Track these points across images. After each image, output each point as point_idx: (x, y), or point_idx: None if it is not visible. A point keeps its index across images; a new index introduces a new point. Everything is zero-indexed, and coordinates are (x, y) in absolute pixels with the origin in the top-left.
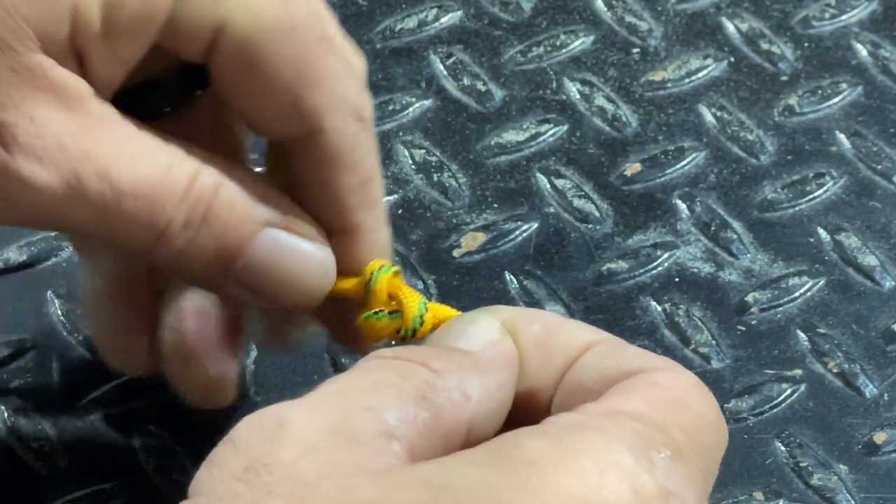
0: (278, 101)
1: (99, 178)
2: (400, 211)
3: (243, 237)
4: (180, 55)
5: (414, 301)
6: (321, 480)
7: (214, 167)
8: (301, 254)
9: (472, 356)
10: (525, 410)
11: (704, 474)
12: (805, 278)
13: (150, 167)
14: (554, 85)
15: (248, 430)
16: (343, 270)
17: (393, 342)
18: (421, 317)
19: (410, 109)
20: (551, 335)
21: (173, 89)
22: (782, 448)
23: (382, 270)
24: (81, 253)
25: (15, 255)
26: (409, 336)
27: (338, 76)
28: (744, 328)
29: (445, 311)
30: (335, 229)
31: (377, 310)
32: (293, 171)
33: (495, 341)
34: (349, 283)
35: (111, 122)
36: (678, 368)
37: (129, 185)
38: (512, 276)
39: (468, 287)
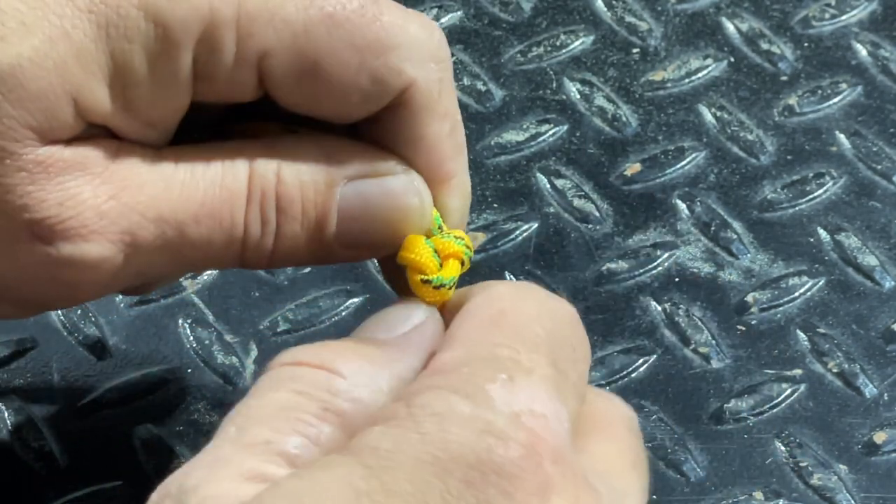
0: (358, 80)
1: (152, 222)
2: None
3: (326, 205)
4: (232, 98)
5: (455, 267)
6: None
7: (267, 154)
8: (389, 192)
9: (383, 347)
10: None
11: (556, 364)
12: (805, 278)
13: (202, 189)
14: (554, 85)
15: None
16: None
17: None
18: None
19: None
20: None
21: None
22: (782, 448)
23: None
24: None
25: None
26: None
27: (401, 27)
28: (744, 328)
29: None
30: (429, 182)
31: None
32: (379, 140)
33: (417, 325)
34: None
35: (147, 168)
36: (493, 284)
37: (187, 214)
38: (512, 276)
39: None
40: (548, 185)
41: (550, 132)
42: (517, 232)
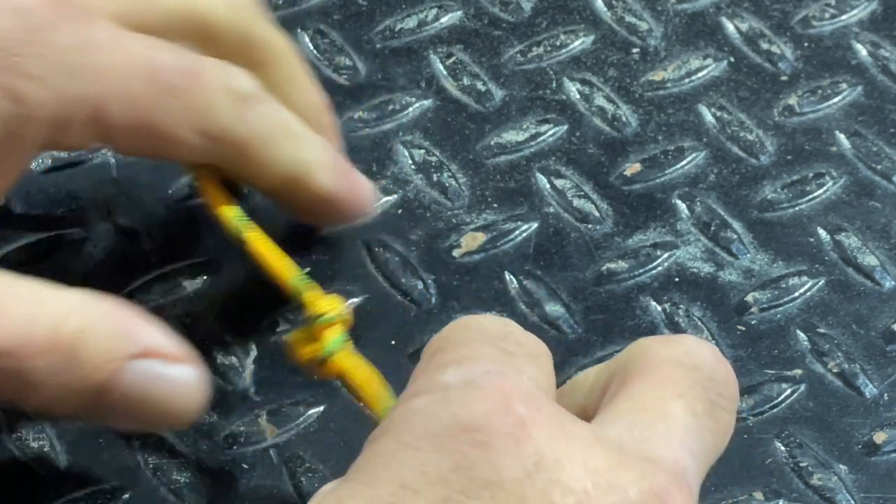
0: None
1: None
2: (400, 211)
3: (112, 374)
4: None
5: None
6: None
7: (84, 307)
8: (167, 380)
9: None
10: None
11: (505, 345)
12: (805, 278)
13: (10, 321)
14: (554, 85)
15: None
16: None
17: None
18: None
19: (410, 109)
20: None
21: None
22: (782, 448)
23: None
24: None
25: (15, 254)
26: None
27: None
28: (744, 328)
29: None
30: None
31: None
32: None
33: None
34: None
35: None
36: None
37: None
38: (512, 276)
39: (468, 287)
40: (548, 185)
41: (550, 132)
42: (517, 232)
